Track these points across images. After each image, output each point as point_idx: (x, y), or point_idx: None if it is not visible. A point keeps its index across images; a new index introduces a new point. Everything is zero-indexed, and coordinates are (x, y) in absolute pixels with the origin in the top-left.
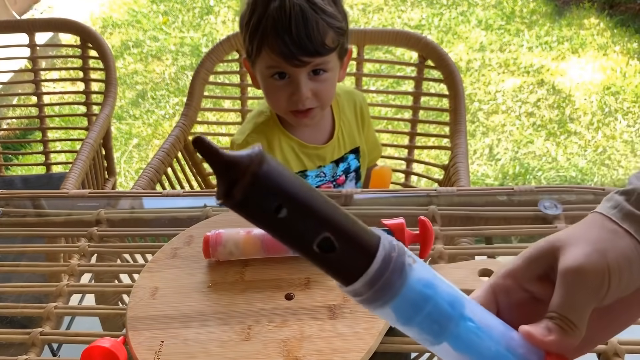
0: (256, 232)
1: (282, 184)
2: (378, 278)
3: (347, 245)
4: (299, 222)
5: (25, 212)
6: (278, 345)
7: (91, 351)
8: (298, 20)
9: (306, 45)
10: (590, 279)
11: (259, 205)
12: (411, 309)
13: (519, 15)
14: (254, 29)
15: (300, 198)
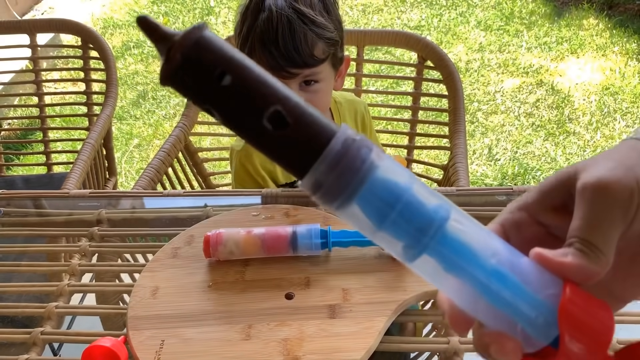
0: (256, 232)
1: (224, 50)
2: (339, 160)
3: (301, 121)
4: (245, 92)
5: (26, 212)
6: (278, 344)
7: (92, 351)
8: (285, 32)
9: (293, 57)
10: (616, 194)
11: (199, 71)
12: (382, 203)
13: (518, 16)
14: (244, 40)
15: (246, 66)
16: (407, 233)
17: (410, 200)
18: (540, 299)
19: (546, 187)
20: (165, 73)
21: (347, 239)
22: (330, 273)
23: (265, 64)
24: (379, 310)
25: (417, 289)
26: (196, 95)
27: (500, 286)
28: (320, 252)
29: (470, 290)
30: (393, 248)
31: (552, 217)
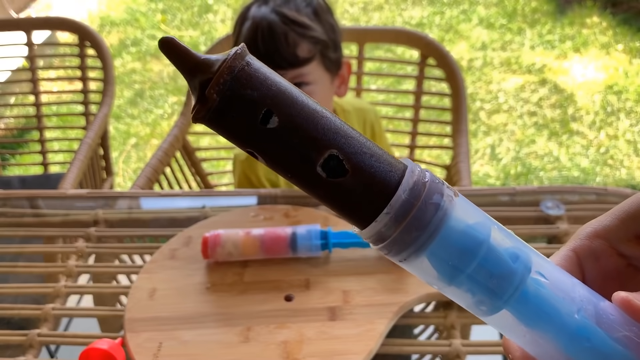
0: (255, 233)
1: (270, 83)
2: (407, 211)
3: (362, 166)
4: (294, 134)
5: (22, 213)
6: (277, 347)
7: (89, 353)
8: (265, 36)
9: (275, 59)
10: None
11: (241, 111)
12: (456, 256)
13: (521, 13)
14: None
15: (297, 104)
16: (484, 288)
17: (487, 252)
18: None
19: (630, 211)
20: (199, 115)
21: (347, 240)
22: (330, 275)
23: None
24: (380, 312)
25: (419, 291)
26: (237, 138)
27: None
28: (320, 254)
29: (552, 346)
30: (465, 301)
31: (636, 249)
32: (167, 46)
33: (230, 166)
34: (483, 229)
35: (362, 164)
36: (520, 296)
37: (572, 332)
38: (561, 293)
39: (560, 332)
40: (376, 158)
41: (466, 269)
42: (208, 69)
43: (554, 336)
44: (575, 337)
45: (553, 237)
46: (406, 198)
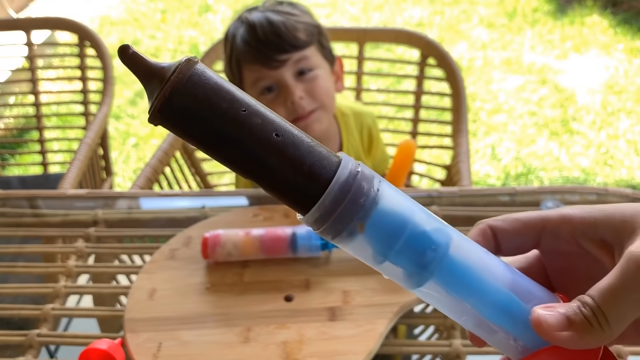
0: (255, 233)
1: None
2: (340, 200)
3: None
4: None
5: (22, 213)
6: (277, 347)
7: (89, 353)
8: (264, 25)
9: (277, 42)
10: None
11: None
12: (386, 236)
13: (521, 13)
14: (230, 56)
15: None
16: (412, 262)
17: (412, 230)
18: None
19: (599, 217)
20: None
21: None
22: (330, 275)
23: (253, 61)
24: (380, 312)
25: None
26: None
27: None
28: (320, 254)
29: (472, 313)
30: (397, 277)
31: (590, 246)
32: (123, 54)
33: None
34: (408, 211)
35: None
36: (443, 267)
37: (490, 299)
38: (477, 264)
39: (477, 298)
40: (312, 146)
41: (395, 245)
42: (163, 75)
43: (472, 303)
44: (492, 303)
45: None
46: (339, 188)
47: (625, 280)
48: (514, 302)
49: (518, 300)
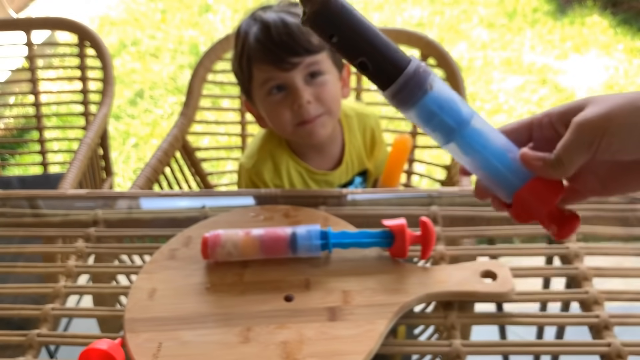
0: (255, 233)
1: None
2: (409, 80)
3: (378, 65)
4: (343, 48)
5: (22, 213)
6: (277, 347)
7: (89, 353)
8: (278, 26)
9: (291, 45)
10: (585, 134)
11: (320, 30)
12: (434, 108)
13: (521, 13)
14: (241, 53)
15: (346, 30)
16: (442, 128)
17: (448, 107)
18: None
19: (567, 108)
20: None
21: (347, 240)
22: (330, 275)
23: (265, 60)
24: (380, 312)
25: (419, 291)
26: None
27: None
28: (320, 254)
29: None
30: (436, 135)
31: (562, 129)
32: None
33: (230, 166)
34: (448, 95)
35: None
36: (460, 136)
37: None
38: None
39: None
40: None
41: (434, 119)
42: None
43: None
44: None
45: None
46: (410, 74)
47: (570, 137)
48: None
49: (509, 155)
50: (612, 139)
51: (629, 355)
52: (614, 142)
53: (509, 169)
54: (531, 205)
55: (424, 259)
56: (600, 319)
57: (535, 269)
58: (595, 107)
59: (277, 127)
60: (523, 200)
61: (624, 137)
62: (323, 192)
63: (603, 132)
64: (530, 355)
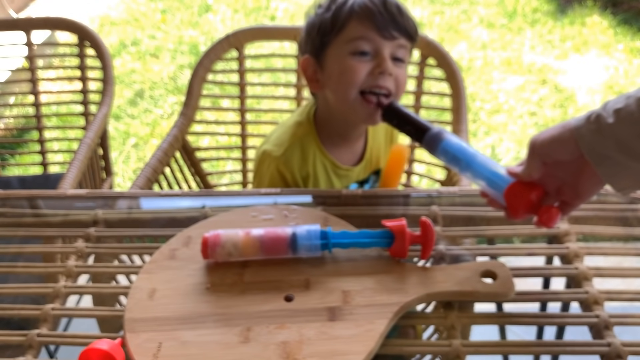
0: (255, 233)
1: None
2: (433, 137)
3: (416, 131)
4: (399, 125)
5: (22, 213)
6: (277, 347)
7: (89, 353)
8: (395, 4)
9: (398, 19)
10: (531, 146)
11: (386, 117)
12: (448, 151)
13: (521, 13)
14: (343, 3)
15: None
16: (457, 159)
17: (458, 147)
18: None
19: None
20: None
21: (347, 240)
22: (330, 275)
23: (370, 19)
24: (380, 312)
25: (419, 291)
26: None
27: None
28: (320, 254)
29: (483, 180)
30: (454, 166)
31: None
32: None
33: (230, 166)
34: (459, 144)
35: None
36: (470, 164)
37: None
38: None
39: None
40: (420, 128)
41: (452, 155)
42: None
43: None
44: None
45: (553, 238)
46: (433, 134)
47: (527, 152)
48: (500, 173)
49: (501, 172)
50: (542, 146)
51: (629, 355)
52: (544, 148)
53: (500, 179)
54: (515, 196)
55: (424, 259)
56: (600, 319)
57: (535, 269)
58: (542, 134)
59: (344, 87)
60: (509, 194)
61: (549, 143)
62: (323, 192)
63: (536, 143)
64: (530, 355)
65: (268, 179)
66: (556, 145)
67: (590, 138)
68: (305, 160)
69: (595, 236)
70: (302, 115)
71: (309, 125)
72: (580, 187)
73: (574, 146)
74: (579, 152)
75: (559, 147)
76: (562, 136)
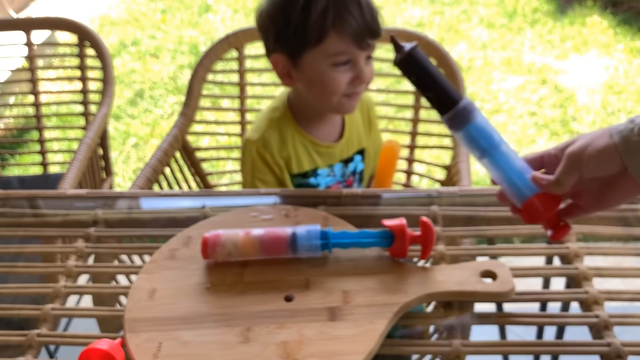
0: (255, 233)
1: (415, 66)
2: (462, 110)
3: (438, 99)
4: (418, 85)
5: (22, 213)
6: (277, 347)
7: (89, 353)
8: (365, 2)
9: (373, 27)
10: (572, 161)
11: (404, 71)
12: (473, 133)
13: (521, 13)
14: (321, 14)
15: (421, 74)
16: (479, 145)
17: (486, 134)
18: (530, 188)
19: (566, 144)
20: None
21: (347, 240)
22: (330, 275)
23: (350, 34)
24: (380, 312)
25: (419, 291)
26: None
27: (516, 178)
28: (320, 254)
29: (502, 177)
30: (473, 152)
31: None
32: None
33: (230, 166)
34: (487, 124)
35: (440, 100)
36: (492, 155)
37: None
38: (512, 157)
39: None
40: (448, 96)
41: (475, 139)
42: (400, 50)
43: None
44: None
45: None
46: (464, 106)
47: (563, 164)
48: (523, 174)
49: (524, 174)
50: (589, 161)
51: (629, 355)
52: (590, 163)
53: (523, 183)
54: (536, 211)
55: (424, 259)
56: (600, 319)
57: (535, 269)
58: (580, 141)
59: (326, 94)
60: (531, 207)
61: (595, 159)
62: (323, 192)
63: (582, 157)
64: (530, 355)
65: (250, 163)
66: (603, 161)
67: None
68: (284, 142)
69: (595, 236)
70: (277, 101)
71: (284, 108)
72: (604, 198)
73: (620, 161)
74: (623, 167)
75: (606, 163)
76: (608, 150)
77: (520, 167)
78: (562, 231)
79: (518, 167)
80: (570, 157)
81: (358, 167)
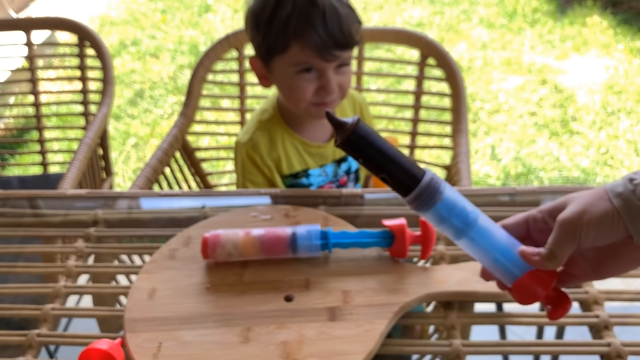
0: (255, 233)
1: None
2: (425, 190)
3: (395, 180)
4: (367, 166)
5: (22, 213)
6: (277, 347)
7: (89, 353)
8: (332, 14)
9: (340, 39)
10: (568, 230)
11: (349, 152)
12: (443, 214)
13: (521, 13)
14: (283, 24)
15: (369, 154)
16: (454, 227)
17: (458, 211)
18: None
19: (553, 206)
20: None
21: (347, 240)
22: (330, 275)
23: (311, 47)
24: (380, 312)
25: (419, 291)
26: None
27: (501, 257)
28: (320, 254)
29: (485, 257)
30: (448, 234)
31: (551, 222)
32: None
33: (230, 166)
34: (457, 199)
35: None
36: (471, 233)
37: (496, 252)
38: (493, 230)
39: (489, 250)
40: (405, 174)
41: (449, 217)
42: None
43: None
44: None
45: None
46: (426, 183)
47: (557, 233)
48: (509, 249)
49: (510, 249)
50: (588, 230)
51: (629, 355)
52: (590, 232)
53: (510, 261)
54: (530, 290)
55: (424, 259)
56: (600, 319)
57: None
58: (573, 205)
59: (293, 100)
60: (523, 287)
61: (596, 227)
62: (323, 192)
63: (580, 226)
64: (530, 355)
65: (240, 165)
66: (605, 229)
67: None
68: (274, 144)
69: None
70: (267, 103)
71: (273, 110)
72: (603, 267)
73: (624, 229)
74: (627, 234)
75: (609, 231)
76: (609, 216)
77: (504, 242)
78: (562, 308)
79: (502, 243)
80: (565, 225)
81: (352, 166)
